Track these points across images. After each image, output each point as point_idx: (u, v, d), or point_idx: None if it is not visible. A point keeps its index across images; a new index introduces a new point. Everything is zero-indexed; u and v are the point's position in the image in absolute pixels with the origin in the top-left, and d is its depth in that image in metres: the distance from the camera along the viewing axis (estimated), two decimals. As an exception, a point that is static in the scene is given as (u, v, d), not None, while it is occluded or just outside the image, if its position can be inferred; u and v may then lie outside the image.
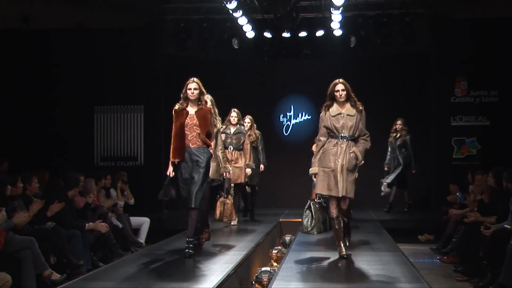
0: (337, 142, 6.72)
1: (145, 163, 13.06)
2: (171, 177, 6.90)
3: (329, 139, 6.80)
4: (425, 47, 12.97)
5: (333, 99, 6.85)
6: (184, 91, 7.02)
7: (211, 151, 7.12)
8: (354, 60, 13.45)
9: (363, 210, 11.99)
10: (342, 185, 6.60)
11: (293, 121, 14.33)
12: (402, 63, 13.53)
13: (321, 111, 6.94)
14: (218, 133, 8.22)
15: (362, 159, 6.77)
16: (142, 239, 9.87)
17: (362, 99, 6.90)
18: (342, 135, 6.74)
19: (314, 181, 7.29)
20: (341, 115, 6.77)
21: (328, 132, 6.81)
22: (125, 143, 13.20)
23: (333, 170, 6.63)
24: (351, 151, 6.69)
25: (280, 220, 11.13)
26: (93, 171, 10.36)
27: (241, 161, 9.98)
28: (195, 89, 6.97)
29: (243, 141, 10.07)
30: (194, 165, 6.88)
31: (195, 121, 6.96)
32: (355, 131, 6.77)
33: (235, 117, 9.99)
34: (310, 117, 13.87)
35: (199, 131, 6.95)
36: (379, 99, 12.75)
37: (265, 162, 10.93)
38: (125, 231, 9.38)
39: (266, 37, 13.27)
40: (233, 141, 9.94)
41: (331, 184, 6.64)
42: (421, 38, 12.81)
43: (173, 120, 7.00)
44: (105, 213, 9.03)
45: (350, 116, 6.77)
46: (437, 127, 12.90)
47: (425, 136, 13.11)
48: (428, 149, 13.07)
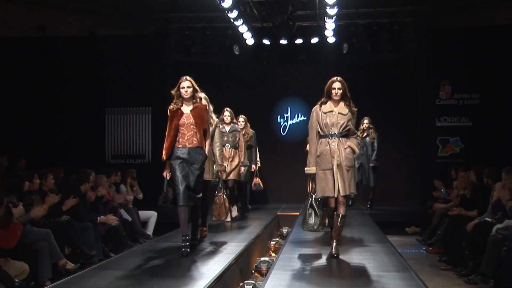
0: (328, 142, 6.34)
1: (152, 160, 13.03)
2: (168, 180, 6.49)
3: (320, 140, 6.42)
4: (412, 54, 12.96)
5: (329, 96, 6.49)
6: (177, 89, 6.55)
7: (205, 152, 6.63)
8: (346, 65, 13.44)
9: (354, 204, 11.98)
10: (341, 183, 6.22)
11: (290, 122, 14.33)
12: (391, 68, 13.55)
13: (315, 105, 6.57)
14: (215, 129, 7.83)
15: (358, 153, 6.51)
16: (150, 231, 9.87)
17: (353, 101, 6.59)
18: (331, 133, 6.35)
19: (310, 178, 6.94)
20: (332, 112, 6.39)
21: (318, 131, 6.44)
22: (134, 142, 13.18)
23: (331, 169, 6.26)
24: (346, 147, 6.33)
25: (278, 213, 11.14)
26: (104, 168, 10.36)
27: (237, 159, 9.62)
28: (188, 87, 6.51)
29: (239, 138, 9.71)
30: (190, 165, 6.43)
31: (192, 120, 6.51)
32: (344, 129, 6.37)
33: (228, 116, 9.62)
34: (305, 118, 13.85)
35: (195, 130, 6.52)
36: (369, 102, 12.73)
37: (256, 162, 10.73)
38: (134, 224, 9.38)
39: (265, 44, 13.26)
40: (230, 139, 9.53)
41: (329, 185, 6.25)
42: (408, 45, 12.82)
43: (168, 119, 6.55)
44: (115, 207, 9.04)
45: (342, 114, 6.40)
46: (423, 128, 12.90)
47: (412, 136, 13.13)
48: (415, 147, 13.10)
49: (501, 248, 6.46)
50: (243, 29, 12.52)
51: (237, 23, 12.12)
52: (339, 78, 6.51)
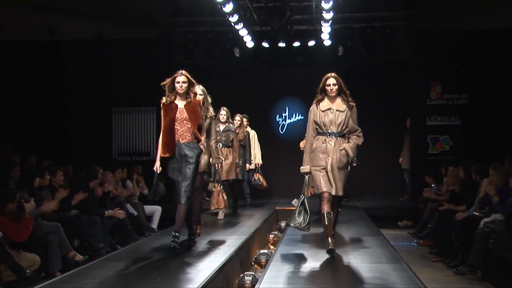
0: (325, 139, 5.92)
1: (157, 157, 13.02)
2: (158, 174, 6.10)
3: (317, 137, 6.00)
4: (404, 56, 12.94)
5: (325, 93, 6.04)
6: (170, 82, 6.14)
7: (201, 146, 6.19)
8: (341, 67, 13.36)
9: (349, 199, 11.98)
10: (334, 183, 5.84)
11: (288, 121, 14.33)
12: (384, 70, 13.54)
13: (311, 104, 6.12)
14: (211, 123, 7.39)
15: (353, 156, 6.00)
16: (154, 225, 9.88)
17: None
18: (330, 131, 5.91)
19: (306, 178, 6.18)
20: (330, 110, 5.95)
21: (316, 128, 6.01)
22: (139, 140, 13.16)
23: (324, 168, 5.87)
24: (341, 148, 5.90)
25: (276, 208, 11.12)
26: (111, 165, 10.35)
27: (230, 157, 9.31)
28: (183, 82, 6.08)
29: (232, 138, 9.42)
30: (184, 160, 6.03)
31: (185, 115, 6.10)
32: (343, 128, 5.95)
33: (224, 115, 9.31)
34: (302, 117, 13.85)
35: (189, 125, 6.10)
36: (363, 102, 12.61)
37: (250, 161, 10.52)
38: (139, 218, 9.39)
39: (264, 46, 13.23)
40: (222, 138, 9.18)
41: (323, 181, 5.86)
42: (400, 48, 12.79)
43: (162, 114, 6.17)
44: (122, 202, 9.05)
45: (340, 111, 5.94)
46: (415, 126, 12.87)
47: (404, 134, 13.11)
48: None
49: (488, 241, 6.48)
50: (243, 32, 12.50)
51: (237, 27, 12.11)
52: (333, 74, 6.09)
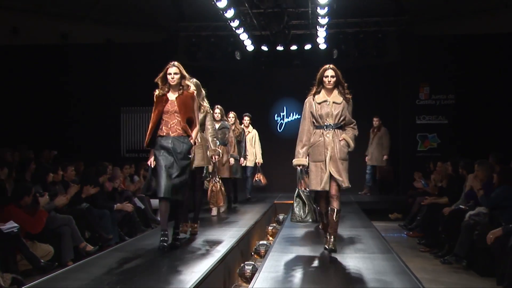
0: (322, 133, 5.46)
1: (162, 154, 13.02)
2: (152, 168, 5.57)
3: (314, 131, 5.52)
4: (395, 59, 12.95)
5: (322, 84, 5.59)
6: (163, 75, 5.62)
7: (191, 141, 5.60)
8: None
9: (343, 193, 11.94)
10: (338, 176, 5.39)
11: (286, 120, 14.33)
12: (375, 72, 13.51)
13: (307, 96, 5.67)
14: (207, 116, 7.00)
15: (353, 146, 5.54)
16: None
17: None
18: (326, 124, 5.46)
19: (298, 170, 5.63)
20: (326, 102, 5.50)
21: (313, 122, 5.54)
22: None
23: (323, 161, 5.42)
24: (341, 139, 5.46)
25: (275, 201, 11.14)
26: (120, 161, 10.36)
27: (225, 156, 8.84)
28: (175, 73, 5.57)
29: (228, 135, 9.09)
30: (174, 154, 5.47)
31: (176, 107, 5.55)
32: (341, 119, 5.49)
33: (218, 113, 8.89)
34: (299, 117, 13.75)
35: (179, 119, 5.54)
36: (356, 102, 12.67)
37: (245, 156, 10.24)
38: (146, 211, 9.39)
39: (263, 50, 13.24)
40: (219, 136, 8.60)
41: (318, 178, 5.43)
42: (391, 51, 12.82)
43: (154, 105, 5.64)
44: (130, 196, 9.05)
45: (336, 104, 5.50)
46: (404, 125, 12.91)
47: (394, 132, 13.13)
48: (397, 143, 13.10)
49: (473, 232, 6.50)
50: (243, 36, 12.53)
51: (238, 31, 12.12)
52: (331, 66, 5.65)
